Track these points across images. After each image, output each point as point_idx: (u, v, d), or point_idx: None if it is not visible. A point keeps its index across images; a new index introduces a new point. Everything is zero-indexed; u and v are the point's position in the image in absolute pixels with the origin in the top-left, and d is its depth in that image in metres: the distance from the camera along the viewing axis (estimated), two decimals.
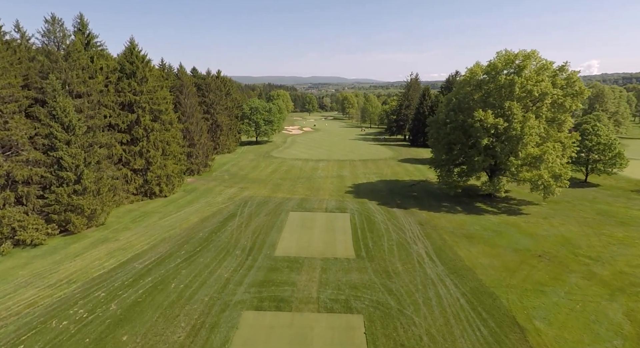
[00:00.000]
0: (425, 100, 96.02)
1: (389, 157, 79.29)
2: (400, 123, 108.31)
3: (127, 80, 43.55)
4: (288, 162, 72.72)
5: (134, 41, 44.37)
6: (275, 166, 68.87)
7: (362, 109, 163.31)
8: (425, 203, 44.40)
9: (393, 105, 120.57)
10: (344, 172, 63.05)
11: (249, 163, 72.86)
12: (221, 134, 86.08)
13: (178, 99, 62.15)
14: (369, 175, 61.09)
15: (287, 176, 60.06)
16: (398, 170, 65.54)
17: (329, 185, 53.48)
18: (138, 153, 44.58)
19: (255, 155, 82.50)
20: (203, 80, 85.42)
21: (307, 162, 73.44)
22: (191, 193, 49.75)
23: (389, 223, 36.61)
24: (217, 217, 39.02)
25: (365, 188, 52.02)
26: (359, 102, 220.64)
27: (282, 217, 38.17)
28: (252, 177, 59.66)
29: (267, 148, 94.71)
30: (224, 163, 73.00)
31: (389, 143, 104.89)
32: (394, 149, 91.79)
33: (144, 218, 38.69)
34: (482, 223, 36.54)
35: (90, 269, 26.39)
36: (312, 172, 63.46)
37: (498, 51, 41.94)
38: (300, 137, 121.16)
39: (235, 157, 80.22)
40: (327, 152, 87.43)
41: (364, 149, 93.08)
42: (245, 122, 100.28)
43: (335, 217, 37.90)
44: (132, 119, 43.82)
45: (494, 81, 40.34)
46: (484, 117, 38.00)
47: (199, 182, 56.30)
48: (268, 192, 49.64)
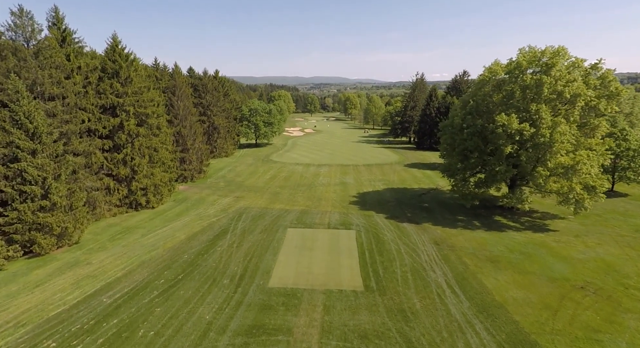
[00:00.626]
0: (432, 101, 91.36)
1: (395, 162, 74.68)
2: (406, 125, 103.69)
3: (108, 80, 39.19)
4: (288, 167, 68.25)
5: (116, 38, 40.00)
6: (275, 172, 64.42)
7: (365, 110, 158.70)
8: (439, 216, 39.82)
9: (397, 107, 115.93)
10: (347, 179, 58.51)
11: (247, 168, 68.45)
12: (218, 137, 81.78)
13: (170, 100, 57.82)
14: (375, 182, 56.53)
15: (286, 183, 55.58)
16: (405, 176, 60.93)
17: (332, 195, 48.98)
18: (122, 161, 40.24)
19: (254, 160, 78.08)
20: (199, 81, 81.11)
21: (308, 167, 68.95)
22: (182, 203, 45.37)
23: (400, 242, 32.07)
24: (207, 233, 34.61)
25: (371, 198, 47.49)
26: (361, 102, 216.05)
27: (279, 234, 33.70)
28: (248, 185, 55.23)
29: (267, 151, 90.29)
30: (220, 168, 68.61)
31: (393, 146, 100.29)
32: (400, 153, 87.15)
33: (124, 235, 34.30)
34: (505, 242, 31.95)
35: (48, 305, 22.01)
36: (314, 178, 58.96)
37: (521, 48, 37.34)
38: (302, 139, 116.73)
39: (233, 162, 75.82)
40: (330, 155, 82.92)
41: (368, 152, 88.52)
42: (244, 124, 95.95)
43: (339, 235, 33.39)
44: (114, 124, 39.47)
45: (517, 81, 35.74)
46: (507, 122, 33.39)
47: (192, 190, 51.92)
48: (265, 203, 45.20)
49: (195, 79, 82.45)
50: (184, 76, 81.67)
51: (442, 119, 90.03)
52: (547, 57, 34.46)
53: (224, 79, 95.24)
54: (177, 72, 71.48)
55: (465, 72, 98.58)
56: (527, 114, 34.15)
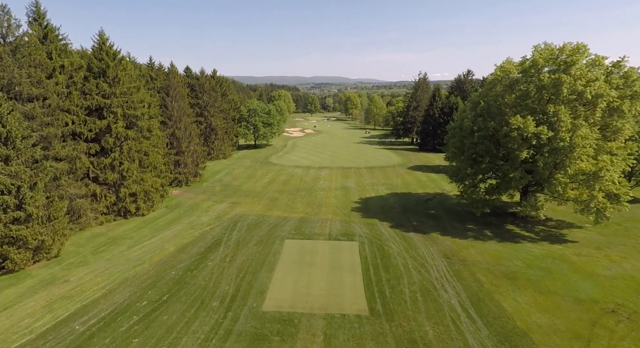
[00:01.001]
0: (435, 102, 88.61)
1: (398, 164, 71.99)
2: (408, 125, 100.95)
3: (94, 80, 36.55)
4: (287, 170, 65.61)
5: (103, 35, 37.34)
6: (273, 175, 61.77)
7: (366, 110, 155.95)
8: (447, 225, 37.16)
9: (399, 107, 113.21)
10: (349, 183, 55.85)
11: (245, 171, 65.81)
12: (216, 138, 79.20)
13: (164, 101, 55.22)
14: (378, 186, 53.85)
15: (285, 188, 52.94)
16: (409, 180, 58.24)
17: (333, 200, 46.33)
18: (109, 166, 37.63)
19: (252, 162, 75.44)
20: (196, 81, 78.52)
21: (308, 169, 66.30)
22: (174, 210, 42.77)
23: (407, 255, 29.43)
24: (199, 244, 32.00)
25: (374, 204, 44.84)
26: (362, 102, 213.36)
27: (275, 246, 31.07)
28: (246, 189, 52.61)
29: (266, 153, 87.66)
30: (217, 171, 66.00)
31: (395, 147, 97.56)
32: (402, 154, 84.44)
33: (109, 246, 31.72)
34: (522, 256, 29.28)
35: (12, 335, 19.44)
36: (314, 182, 56.30)
37: (536, 45, 34.60)
38: (302, 140, 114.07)
39: (231, 164, 73.20)
40: (330, 157, 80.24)
41: (369, 153, 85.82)
42: (243, 125, 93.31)
43: (341, 247, 30.75)
44: (101, 126, 36.86)
45: (532, 80, 33.04)
46: (523, 124, 30.69)
47: (186, 195, 49.32)
48: (262, 209, 42.58)
49: (192, 79, 79.89)
50: (180, 76, 79.17)
51: (446, 120, 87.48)
52: (565, 55, 31.74)
53: (222, 78, 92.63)
54: (172, 72, 68.91)
55: (470, 72, 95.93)
56: (544, 116, 31.45)
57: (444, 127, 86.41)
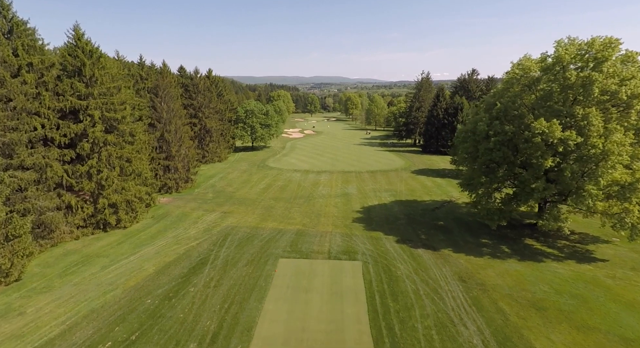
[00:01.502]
0: (439, 102, 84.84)
1: (401, 168, 68.24)
2: (410, 126, 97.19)
3: (69, 80, 32.83)
4: (285, 175, 61.88)
5: (78, 29, 33.57)
6: (270, 180, 58.04)
7: (367, 111, 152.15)
8: (459, 239, 33.45)
9: (402, 107, 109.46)
10: (350, 189, 52.12)
11: (240, 175, 62.08)
12: (211, 140, 75.50)
13: (153, 102, 51.51)
14: (381, 193, 50.13)
15: (282, 195, 49.23)
16: (414, 185, 54.49)
17: (333, 209, 42.64)
18: (86, 174, 33.93)
19: (249, 165, 71.71)
20: (190, 81, 74.82)
21: (306, 174, 62.56)
22: (160, 221, 39.07)
23: (417, 279, 25.74)
24: (182, 264, 28.32)
25: (377, 213, 41.13)
26: (362, 102, 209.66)
27: (268, 267, 27.36)
28: (240, 196, 48.90)
29: (263, 155, 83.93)
30: (211, 175, 62.27)
31: (397, 149, 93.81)
32: (405, 157, 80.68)
33: (81, 267, 28.03)
34: (548, 278, 25.58)
35: None
36: (313, 188, 52.56)
37: (558, 40, 30.83)
38: (301, 141, 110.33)
39: (226, 168, 69.47)
40: (330, 160, 76.49)
41: (371, 156, 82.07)
42: (240, 127, 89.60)
43: (342, 269, 27.03)
44: (77, 131, 33.16)
45: (556, 79, 29.32)
46: (547, 129, 26.99)
47: (175, 203, 45.63)
48: (256, 220, 38.88)
49: (186, 79, 76.21)
50: (173, 75, 75.48)
51: (451, 121, 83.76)
52: (595, 50, 28.00)
53: (218, 78, 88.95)
54: (163, 71, 65.30)
55: (475, 71, 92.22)
56: (571, 119, 27.74)
57: (449, 128, 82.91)
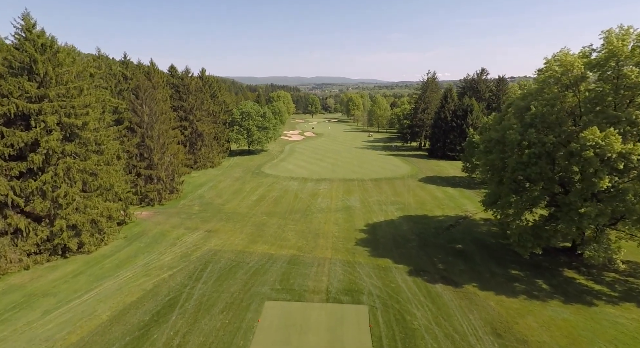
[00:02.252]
0: (447, 103, 78.97)
1: (407, 175, 62.42)
2: (416, 129, 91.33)
3: (14, 79, 27.26)
4: (281, 184, 56.18)
5: (29, 19, 27.88)
6: (264, 190, 52.37)
7: (369, 112, 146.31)
8: (483, 269, 27.68)
9: (406, 108, 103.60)
10: (352, 201, 46.39)
11: (232, 184, 56.43)
12: (203, 145, 69.92)
13: (132, 105, 45.93)
14: (387, 206, 44.39)
15: (275, 208, 43.57)
16: (423, 196, 48.71)
17: (333, 227, 36.95)
18: (38, 191, 28.38)
19: (243, 172, 66.05)
20: (181, 81, 69.25)
21: (305, 183, 56.86)
22: (133, 242, 33.48)
23: (438, 332, 20.00)
24: (145, 307, 22.69)
25: (384, 232, 35.41)
26: (364, 103, 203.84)
27: (250, 315, 21.63)
28: (229, 210, 43.29)
29: (260, 160, 78.27)
30: (200, 184, 56.67)
31: (402, 153, 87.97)
32: (411, 162, 74.84)
33: (18, 311, 22.40)
34: (610, 334, 19.79)
35: None
36: (310, 200, 46.88)
37: (607, 30, 24.99)
38: (301, 144, 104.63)
39: (218, 175, 63.85)
40: (331, 166, 70.76)
41: (374, 161, 76.27)
42: (235, 130, 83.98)
43: (344, 317, 21.27)
44: (27, 140, 27.61)
45: (608, 78, 23.53)
46: (602, 140, 21.22)
47: (155, 219, 40.07)
48: (244, 242, 33.25)
49: (176, 79, 70.66)
50: (163, 75, 70.10)
51: (459, 123, 77.68)
52: None
53: (211, 78, 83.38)
54: (151, 70, 59.93)
55: (484, 70, 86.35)
56: (633, 127, 21.94)
57: (457, 131, 77.00)
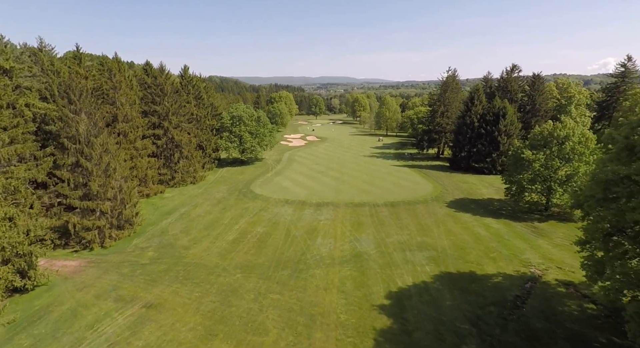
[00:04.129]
0: (473, 106, 65.27)
1: (431, 196, 48.95)
2: (433, 135, 77.62)
3: None
4: (271, 211, 43.11)
5: None
6: (247, 222, 39.37)
7: (377, 114, 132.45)
8: None
9: (420, 111, 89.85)
10: (364, 244, 33.20)
11: (210, 210, 43.52)
12: (181, 157, 57.08)
13: (61, 112, 33.08)
14: (413, 253, 31.10)
15: (257, 258, 30.51)
16: (460, 234, 35.30)
17: (337, 301, 23.82)
18: None
19: (228, 190, 53.11)
20: (154, 80, 56.43)
21: (301, 209, 43.75)
22: (15, 336, 20.70)
23: None
24: None
25: (418, 315, 22.17)
26: (371, 104, 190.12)
27: None
28: (192, 259, 30.39)
29: (252, 173, 65.32)
30: (169, 210, 43.86)
31: (418, 163, 74.38)
32: (431, 176, 61.28)
33: None
34: None
35: None
36: (307, 242, 33.76)
37: None
38: (301, 151, 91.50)
39: (197, 195, 50.98)
40: (335, 182, 57.55)
41: (387, 175, 62.86)
42: (225, 137, 71.08)
43: None
44: None
45: None
46: None
47: (83, 276, 27.34)
48: (194, 337, 20.29)
49: (150, 78, 57.89)
50: (135, 72, 57.57)
51: (490, 130, 63.02)
52: None
53: (196, 78, 70.44)
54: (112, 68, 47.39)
55: (515, 67, 72.20)
56: None
57: (487, 140, 63.10)
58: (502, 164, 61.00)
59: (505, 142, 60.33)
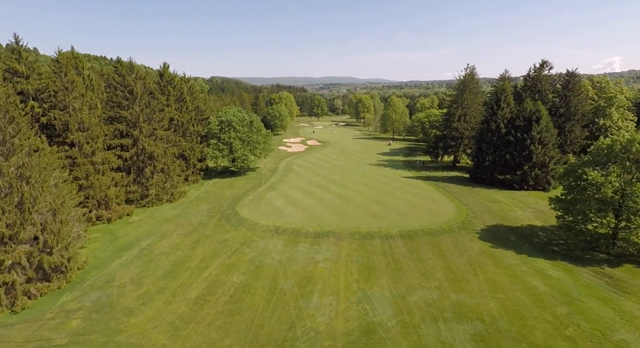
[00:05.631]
0: (499, 109, 55.03)
1: (456, 223, 38.82)
2: (449, 142, 67.41)
3: None
4: (254, 247, 33.24)
5: None
6: (220, 266, 29.54)
7: (382, 116, 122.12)
8: None
9: (433, 114, 79.59)
10: (377, 307, 23.23)
11: (178, 245, 33.76)
12: (155, 170, 47.46)
13: None
14: (449, 328, 21.10)
15: (222, 338, 20.61)
16: (509, 288, 25.24)
17: None
18: None
19: (209, 212, 43.41)
20: (121, 81, 46.80)
21: (294, 243, 33.87)
22: None
23: None
24: None
25: None
26: (375, 104, 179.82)
27: None
28: (128, 337, 20.63)
29: (242, 187, 55.61)
30: (125, 245, 34.11)
31: (432, 173, 64.30)
32: (452, 192, 51.14)
33: None
34: None
35: None
36: (298, 303, 23.87)
37: None
38: (301, 158, 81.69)
39: (169, 219, 41.33)
40: (338, 200, 47.66)
41: (399, 190, 52.76)
42: (213, 144, 61.43)
43: None
44: None
45: None
46: None
47: None
48: None
49: (118, 77, 48.27)
50: (106, 68, 48.26)
51: (522, 138, 50.90)
52: None
53: (178, 77, 60.72)
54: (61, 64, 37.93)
55: (545, 63, 61.68)
56: None
57: (516, 149, 52.47)
58: (535, 178, 50.85)
59: (539, 152, 50.05)
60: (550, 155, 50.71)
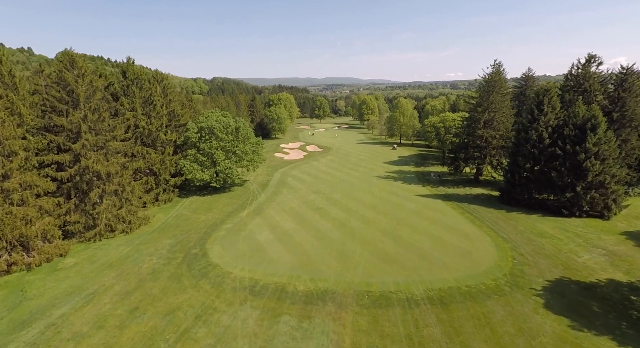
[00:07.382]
0: (541, 115, 43.36)
1: (504, 277, 27.38)
2: (474, 152, 55.70)
3: None
4: (212, 324, 22.00)
5: None
6: None
7: (388, 119, 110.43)
8: None
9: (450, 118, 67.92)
10: None
11: (101, 322, 22.63)
12: (104, 193, 36.42)
13: None
14: None
15: None
16: None
17: None
18: None
19: (167, 255, 32.25)
20: (57, 78, 35.67)
21: (275, 317, 22.64)
22: None
23: None
24: None
25: None
26: (379, 106, 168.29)
27: None
28: None
29: (220, 210, 44.51)
30: (28, 316, 22.99)
31: (451, 190, 52.81)
32: (483, 220, 39.62)
33: None
34: None
35: None
36: None
37: None
38: (298, 168, 70.47)
39: (109, 266, 30.22)
40: (340, 235, 36.33)
41: (416, 217, 41.36)
42: (191, 156, 50.28)
43: None
44: None
45: None
46: None
47: None
48: None
49: (57, 74, 37.09)
50: (8, 61, 36.45)
51: (572, 152, 35.87)
52: None
53: (145, 75, 49.35)
54: None
55: (593, 58, 49.77)
56: None
57: (565, 164, 40.47)
58: (590, 201, 39.25)
59: (597, 169, 38.49)
60: (612, 173, 39.08)
